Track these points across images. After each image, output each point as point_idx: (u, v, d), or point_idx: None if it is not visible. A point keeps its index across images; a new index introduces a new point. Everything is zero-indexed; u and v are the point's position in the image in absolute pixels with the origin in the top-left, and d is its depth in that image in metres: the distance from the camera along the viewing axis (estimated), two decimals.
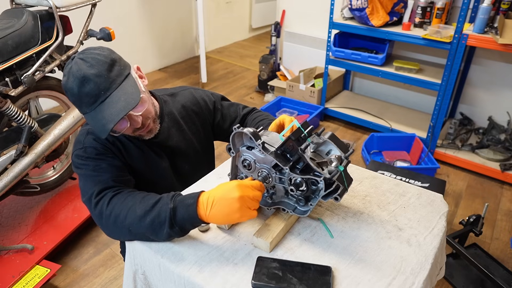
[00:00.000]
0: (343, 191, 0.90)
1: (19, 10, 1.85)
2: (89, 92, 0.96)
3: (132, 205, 0.95)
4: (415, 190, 1.18)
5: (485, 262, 1.91)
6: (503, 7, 2.43)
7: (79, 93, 0.97)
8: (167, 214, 0.90)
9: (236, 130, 0.95)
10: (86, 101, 0.98)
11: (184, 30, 4.66)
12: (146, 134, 1.13)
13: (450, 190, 2.55)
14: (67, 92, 0.99)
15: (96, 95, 0.97)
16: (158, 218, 0.91)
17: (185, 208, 0.90)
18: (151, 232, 0.93)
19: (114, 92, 0.99)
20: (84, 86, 0.96)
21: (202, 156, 1.33)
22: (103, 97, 0.97)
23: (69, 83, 0.97)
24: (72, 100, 1.00)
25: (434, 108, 2.75)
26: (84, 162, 1.06)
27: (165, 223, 0.90)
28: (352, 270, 0.89)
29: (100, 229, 2.12)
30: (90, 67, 0.96)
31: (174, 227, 0.90)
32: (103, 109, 0.98)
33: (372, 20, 2.76)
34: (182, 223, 0.90)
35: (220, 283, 0.85)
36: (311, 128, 0.96)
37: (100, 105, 0.98)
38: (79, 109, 1.02)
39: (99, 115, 0.98)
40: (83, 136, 1.11)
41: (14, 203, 2.16)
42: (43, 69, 1.88)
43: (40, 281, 1.69)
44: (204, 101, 1.32)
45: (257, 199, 0.91)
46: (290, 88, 3.50)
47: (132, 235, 0.96)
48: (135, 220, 0.93)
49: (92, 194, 1.00)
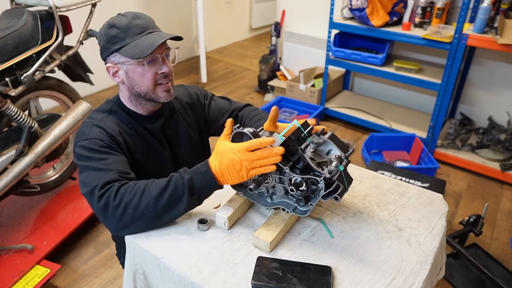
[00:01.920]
0: (343, 191, 0.90)
1: (19, 10, 1.85)
2: (140, 24, 1.07)
3: (145, 189, 0.94)
4: (415, 190, 1.18)
5: (485, 262, 1.91)
6: (503, 7, 2.43)
7: (129, 24, 1.06)
8: (185, 185, 0.93)
9: (236, 130, 0.95)
10: (133, 31, 1.06)
11: (184, 30, 4.66)
12: (165, 92, 1.14)
13: (450, 190, 2.55)
14: (112, 26, 1.06)
15: (145, 27, 1.08)
16: (176, 192, 0.94)
17: (201, 175, 0.95)
18: (169, 208, 0.94)
19: (160, 32, 1.11)
20: (135, 20, 1.07)
21: (198, 146, 1.35)
22: (151, 30, 1.09)
23: (118, 18, 1.08)
24: (113, 34, 1.06)
25: (434, 108, 2.75)
26: (88, 154, 1.03)
27: (184, 194, 0.93)
28: (352, 270, 0.89)
29: (100, 229, 2.15)
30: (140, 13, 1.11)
31: (193, 195, 0.94)
32: (150, 36, 1.07)
33: (372, 20, 2.76)
34: (200, 189, 0.95)
35: (220, 283, 0.85)
36: (311, 128, 0.96)
37: (147, 34, 1.07)
38: (119, 42, 1.06)
39: (145, 40, 1.06)
40: (87, 128, 1.10)
41: (14, 203, 2.16)
42: (43, 69, 1.88)
43: (40, 281, 1.69)
44: (196, 94, 1.36)
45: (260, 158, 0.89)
46: (290, 88, 3.50)
47: (143, 222, 0.94)
48: (151, 201, 0.93)
49: (96, 187, 0.96)
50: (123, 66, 1.09)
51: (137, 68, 1.08)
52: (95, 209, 0.98)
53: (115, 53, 1.08)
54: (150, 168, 1.19)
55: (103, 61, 1.13)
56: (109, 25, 1.07)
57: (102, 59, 1.13)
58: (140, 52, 1.04)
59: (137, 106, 1.17)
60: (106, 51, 1.09)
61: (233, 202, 1.03)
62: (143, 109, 1.18)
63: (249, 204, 1.08)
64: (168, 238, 0.97)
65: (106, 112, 1.16)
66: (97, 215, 0.99)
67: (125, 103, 1.17)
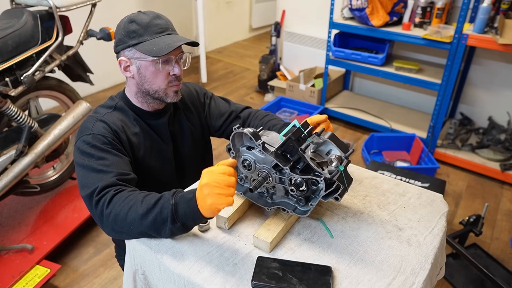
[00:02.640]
0: (343, 191, 0.90)
1: (19, 10, 1.85)
2: (160, 23, 1.09)
3: (134, 204, 0.92)
4: (415, 190, 1.18)
5: (485, 262, 1.91)
6: (503, 7, 2.43)
7: (149, 22, 1.07)
8: (169, 211, 0.89)
9: (236, 130, 0.95)
10: (153, 30, 1.08)
11: (184, 30, 4.66)
12: (173, 94, 1.15)
13: (450, 190, 2.55)
14: (132, 22, 1.07)
15: (165, 28, 1.10)
16: (160, 215, 0.90)
17: (186, 203, 0.89)
18: (153, 230, 0.92)
19: (179, 35, 1.13)
20: (156, 20, 1.09)
21: (200, 144, 1.35)
22: (170, 31, 1.11)
23: (140, 15, 1.09)
24: (133, 29, 1.07)
25: (434, 108, 2.75)
26: (90, 151, 1.03)
27: (167, 219, 0.89)
28: (352, 270, 0.89)
29: (100, 229, 2.15)
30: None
31: (176, 223, 0.89)
32: (168, 37, 1.09)
33: (372, 20, 2.76)
34: (184, 218, 0.89)
35: (220, 283, 0.85)
36: (311, 128, 0.96)
37: (166, 35, 1.09)
38: (137, 38, 1.07)
39: (165, 39, 1.07)
40: (91, 122, 1.09)
41: (14, 203, 2.16)
42: (43, 69, 1.88)
43: (40, 281, 1.69)
44: (196, 91, 1.36)
45: (228, 185, 0.86)
46: (290, 88, 3.50)
47: (132, 234, 0.95)
48: (136, 218, 0.91)
49: (94, 191, 0.96)
50: (137, 61, 1.09)
51: (150, 66, 1.09)
52: (92, 213, 0.99)
53: (130, 48, 1.08)
54: (152, 165, 1.19)
55: (116, 54, 1.13)
56: (129, 19, 1.09)
57: (115, 52, 1.13)
58: (157, 51, 1.05)
59: (143, 103, 1.18)
60: (122, 44, 1.09)
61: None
62: (148, 106, 1.18)
63: (249, 204, 1.08)
64: (168, 238, 0.97)
65: (111, 108, 1.17)
66: (93, 218, 1.00)
67: (130, 99, 1.18)
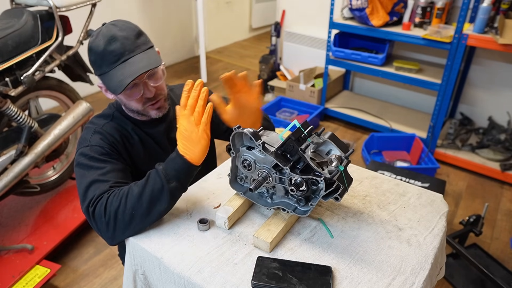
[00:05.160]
0: (343, 191, 0.90)
1: (19, 10, 1.85)
2: (115, 50, 1.01)
3: (128, 191, 0.96)
4: (415, 190, 1.18)
5: (485, 262, 1.91)
6: (503, 7, 2.43)
7: (104, 50, 1.01)
8: (160, 175, 0.94)
9: (236, 130, 0.95)
10: (109, 59, 1.02)
11: (184, 30, 4.66)
12: (155, 111, 1.13)
13: (450, 190, 2.55)
14: (91, 51, 1.03)
15: (120, 53, 1.01)
16: (155, 185, 0.94)
17: (172, 161, 0.96)
18: (154, 202, 0.94)
19: (138, 55, 1.03)
20: (110, 44, 1.01)
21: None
22: (126, 57, 1.02)
23: (95, 41, 1.02)
24: (93, 60, 1.04)
25: (434, 108, 2.75)
26: (88, 163, 1.04)
27: (163, 184, 0.94)
28: (352, 270, 0.89)
29: None
30: (119, 30, 1.03)
31: (171, 182, 0.94)
32: (124, 67, 1.02)
33: (372, 20, 2.76)
34: (177, 175, 0.95)
35: (220, 283, 0.85)
36: (311, 128, 0.96)
37: (121, 64, 1.02)
38: (98, 69, 1.04)
39: (119, 72, 1.01)
40: (89, 134, 1.10)
41: (14, 203, 2.16)
42: (43, 69, 1.88)
43: (40, 281, 1.69)
44: None
45: (190, 113, 0.94)
46: (290, 88, 3.50)
47: (136, 222, 0.95)
48: (135, 200, 0.94)
49: (89, 203, 0.97)
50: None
51: (120, 96, 1.08)
52: (93, 224, 0.99)
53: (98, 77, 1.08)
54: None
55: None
56: (88, 48, 1.05)
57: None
58: (115, 87, 1.03)
59: (136, 116, 1.17)
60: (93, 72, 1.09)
61: (233, 202, 1.03)
62: (142, 118, 1.17)
63: (249, 204, 1.08)
64: (168, 238, 0.97)
65: (109, 117, 1.17)
66: (95, 229, 1.00)
67: (125, 111, 1.18)
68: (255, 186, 0.93)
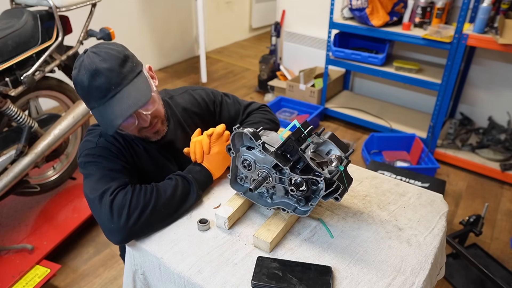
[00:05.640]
0: (343, 191, 0.90)
1: (19, 10, 1.84)
2: (100, 86, 0.94)
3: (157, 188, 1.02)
4: (415, 190, 1.18)
5: (485, 262, 1.91)
6: (503, 7, 2.43)
7: (89, 86, 0.95)
8: (191, 182, 1.07)
9: (236, 130, 0.95)
10: (95, 95, 0.96)
11: (184, 30, 4.66)
12: (152, 135, 1.11)
13: (450, 190, 2.55)
14: (77, 85, 0.97)
15: (106, 89, 0.95)
16: (184, 189, 1.05)
17: (199, 173, 1.11)
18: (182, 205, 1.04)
19: (125, 88, 0.97)
20: (95, 80, 0.94)
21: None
22: (113, 92, 0.96)
23: (79, 76, 0.95)
24: (81, 94, 0.98)
25: (434, 108, 2.75)
26: (96, 160, 1.03)
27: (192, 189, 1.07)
28: (352, 270, 0.89)
29: (100, 229, 2.14)
30: (102, 61, 0.95)
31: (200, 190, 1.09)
32: (112, 104, 0.96)
33: (372, 20, 2.76)
34: (203, 184, 1.11)
35: (220, 283, 0.85)
36: (311, 128, 0.96)
37: (109, 100, 0.96)
38: (87, 103, 0.99)
39: (108, 110, 0.96)
40: (95, 137, 1.09)
41: (14, 203, 2.16)
42: (43, 69, 1.88)
43: (40, 281, 1.69)
44: (204, 101, 1.30)
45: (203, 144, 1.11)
46: (290, 88, 3.50)
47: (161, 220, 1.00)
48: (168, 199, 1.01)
49: (106, 191, 0.96)
50: None
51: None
52: (104, 215, 0.95)
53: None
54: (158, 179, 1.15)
55: None
56: (73, 82, 0.99)
57: None
58: (106, 128, 0.99)
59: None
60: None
61: (233, 202, 1.03)
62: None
63: (249, 204, 1.08)
64: (168, 238, 0.97)
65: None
66: (103, 221, 0.96)
67: None
68: (255, 186, 0.93)
